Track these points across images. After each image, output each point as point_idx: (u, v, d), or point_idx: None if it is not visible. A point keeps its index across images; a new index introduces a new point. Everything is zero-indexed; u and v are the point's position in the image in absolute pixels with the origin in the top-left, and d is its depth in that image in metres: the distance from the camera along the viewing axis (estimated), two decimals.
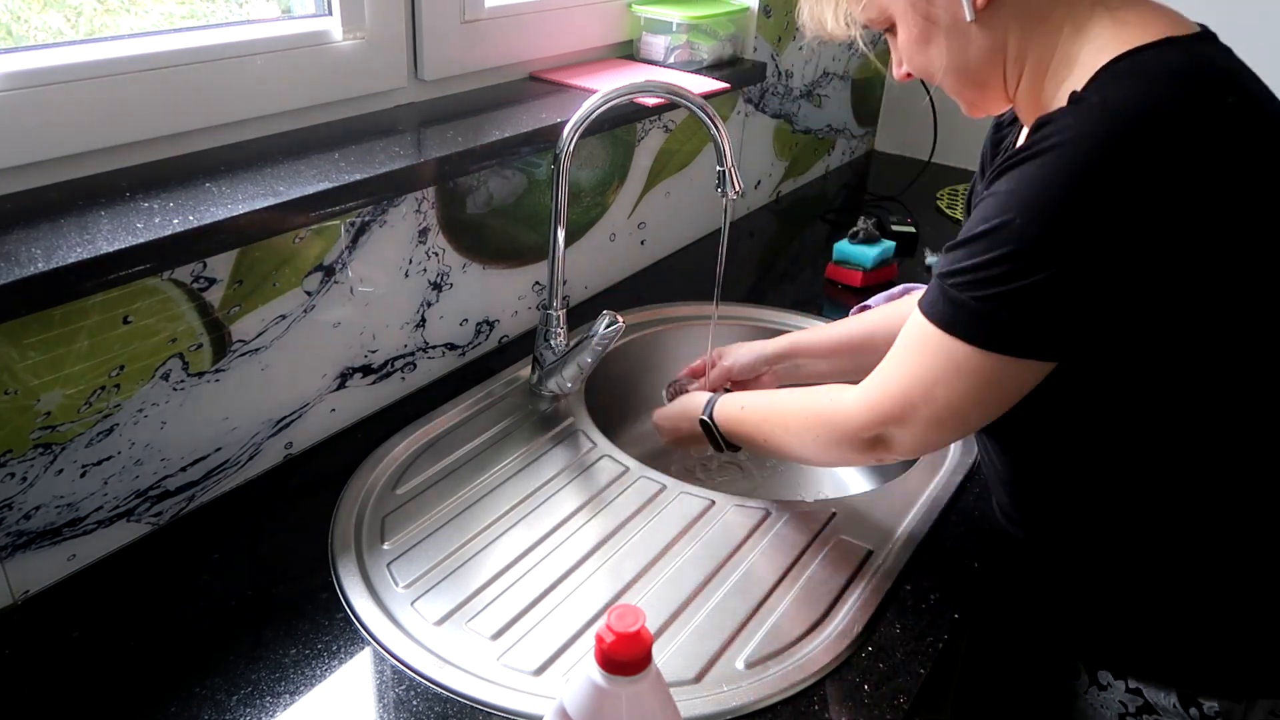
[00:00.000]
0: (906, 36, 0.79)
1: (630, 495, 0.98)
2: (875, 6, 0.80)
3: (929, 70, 0.80)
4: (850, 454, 0.84)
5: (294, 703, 0.73)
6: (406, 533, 0.91)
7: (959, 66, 0.78)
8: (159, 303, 0.84)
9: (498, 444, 1.05)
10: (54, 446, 0.80)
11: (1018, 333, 0.70)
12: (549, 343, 1.11)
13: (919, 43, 0.79)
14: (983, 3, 0.74)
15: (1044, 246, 0.67)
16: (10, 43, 0.83)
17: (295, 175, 0.90)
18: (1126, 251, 0.66)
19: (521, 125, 1.09)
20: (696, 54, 1.40)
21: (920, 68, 0.81)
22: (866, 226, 1.47)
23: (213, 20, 0.98)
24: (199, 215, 0.80)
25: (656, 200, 1.46)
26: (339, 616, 0.81)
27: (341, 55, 1.02)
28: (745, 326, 1.35)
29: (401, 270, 1.06)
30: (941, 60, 0.78)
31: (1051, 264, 0.67)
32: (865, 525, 0.95)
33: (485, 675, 0.77)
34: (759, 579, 0.88)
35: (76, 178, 0.85)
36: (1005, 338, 0.70)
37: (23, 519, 0.80)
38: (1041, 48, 0.75)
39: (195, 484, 0.93)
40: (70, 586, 0.84)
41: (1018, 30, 0.75)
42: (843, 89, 1.94)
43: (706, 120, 1.00)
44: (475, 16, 1.16)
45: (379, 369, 1.08)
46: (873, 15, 0.80)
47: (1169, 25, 0.71)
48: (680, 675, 0.77)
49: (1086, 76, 0.70)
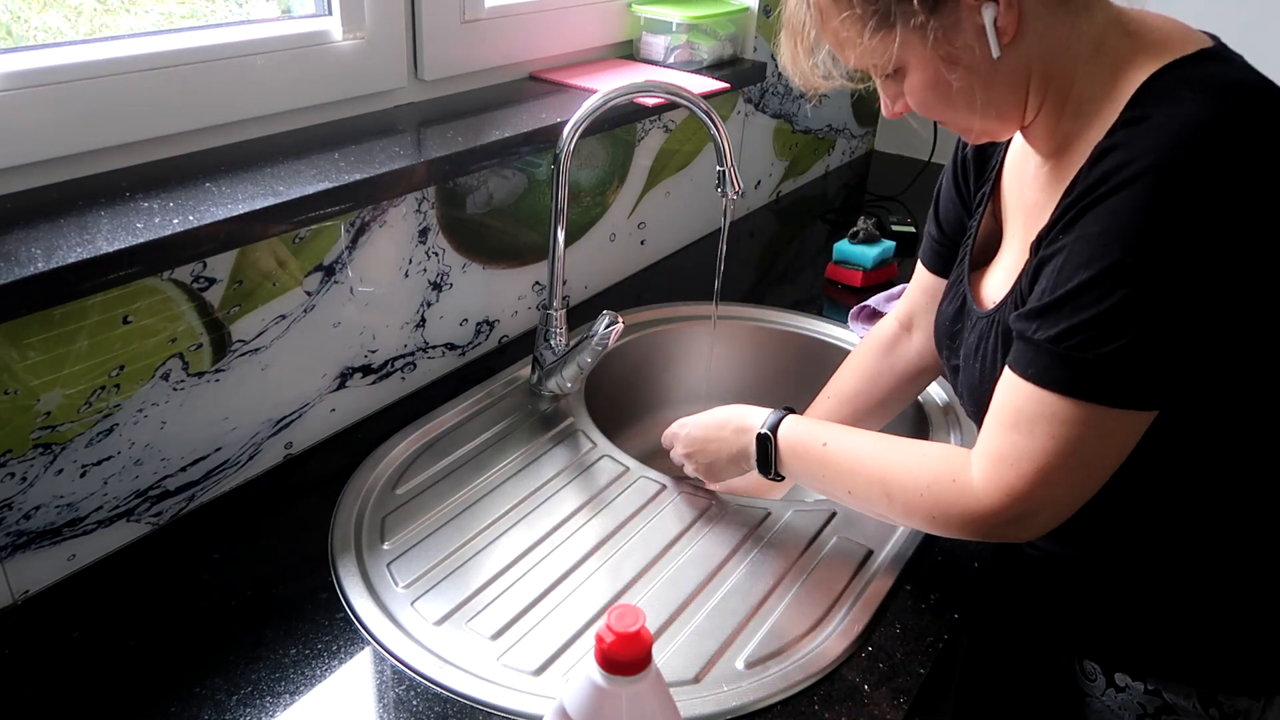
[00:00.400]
0: (922, 79, 0.74)
1: (630, 495, 0.98)
2: (883, 54, 0.73)
3: (943, 110, 0.76)
4: (972, 538, 0.78)
5: (294, 703, 0.73)
6: (406, 533, 0.91)
7: (980, 102, 0.74)
8: (159, 303, 0.84)
9: (498, 444, 1.05)
10: (54, 446, 0.80)
11: (1156, 383, 0.66)
12: (549, 343, 1.11)
13: (934, 85, 0.74)
14: (1009, 38, 0.70)
15: (1165, 282, 0.63)
16: (10, 43, 0.83)
17: (295, 175, 0.90)
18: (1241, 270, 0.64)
19: (521, 125, 1.09)
20: (696, 54, 1.40)
21: (932, 107, 0.76)
22: (866, 226, 1.47)
23: (213, 20, 0.98)
24: (199, 215, 0.80)
25: (656, 200, 1.46)
26: (339, 616, 0.81)
27: (341, 55, 1.02)
28: (746, 326, 1.35)
29: (401, 270, 1.06)
30: (963, 99, 0.74)
31: (1176, 299, 0.63)
32: (865, 525, 0.95)
33: (485, 675, 0.77)
34: (759, 579, 0.88)
35: (76, 178, 0.85)
36: (1144, 391, 0.66)
37: (23, 519, 0.80)
38: (1064, 74, 0.72)
39: (195, 484, 0.93)
40: (70, 586, 0.83)
41: (1040, 60, 0.72)
42: (842, 89, 1.94)
43: (706, 120, 1.00)
44: (475, 16, 1.16)
45: (379, 369, 1.08)
46: (879, 62, 0.74)
47: (1187, 36, 0.70)
48: (680, 675, 0.77)
49: (1120, 95, 0.68)
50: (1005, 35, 0.70)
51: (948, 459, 0.78)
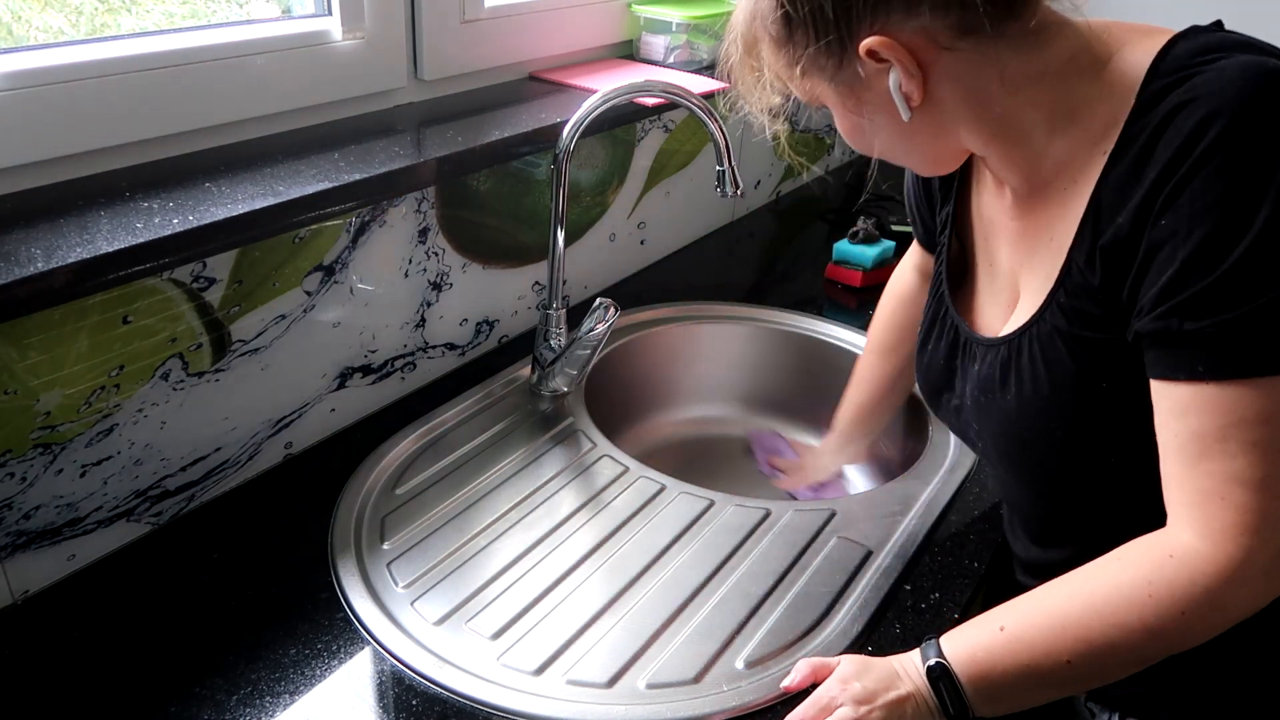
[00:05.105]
0: (841, 123, 0.74)
1: (630, 495, 0.98)
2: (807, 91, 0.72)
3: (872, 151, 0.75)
4: (1250, 608, 0.63)
5: (294, 703, 0.73)
6: (406, 533, 0.91)
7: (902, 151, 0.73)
8: (159, 303, 0.84)
9: (498, 444, 1.05)
10: (54, 446, 0.80)
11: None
12: (549, 342, 1.11)
13: (853, 132, 0.73)
14: (917, 102, 0.67)
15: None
16: (10, 43, 0.83)
17: (295, 175, 0.90)
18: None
19: (521, 125, 1.09)
20: (696, 54, 1.40)
21: (863, 150, 0.75)
22: (866, 226, 1.47)
23: (213, 20, 0.98)
24: (199, 215, 0.80)
25: (656, 200, 1.46)
26: (339, 616, 0.81)
27: (341, 55, 1.02)
28: (746, 326, 1.35)
29: (401, 270, 1.06)
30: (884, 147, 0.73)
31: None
32: (865, 525, 0.95)
33: (485, 675, 0.77)
34: (759, 579, 0.88)
35: (76, 178, 0.85)
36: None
37: (22, 519, 0.80)
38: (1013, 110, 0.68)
39: (195, 484, 0.93)
40: (70, 586, 0.83)
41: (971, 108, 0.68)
42: None
43: (706, 120, 1.00)
44: (475, 16, 1.16)
45: (379, 369, 1.08)
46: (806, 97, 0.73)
47: (1156, 27, 0.67)
48: (680, 675, 0.77)
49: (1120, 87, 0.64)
50: (913, 100, 0.67)
51: (1149, 543, 0.65)
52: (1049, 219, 0.71)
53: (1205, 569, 0.61)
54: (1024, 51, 0.66)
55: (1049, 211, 0.71)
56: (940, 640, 0.70)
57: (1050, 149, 0.69)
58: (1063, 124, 0.68)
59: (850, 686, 0.71)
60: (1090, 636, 0.64)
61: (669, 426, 1.34)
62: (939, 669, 0.68)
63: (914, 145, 0.73)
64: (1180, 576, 0.61)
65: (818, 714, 0.70)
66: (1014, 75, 0.67)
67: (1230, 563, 0.60)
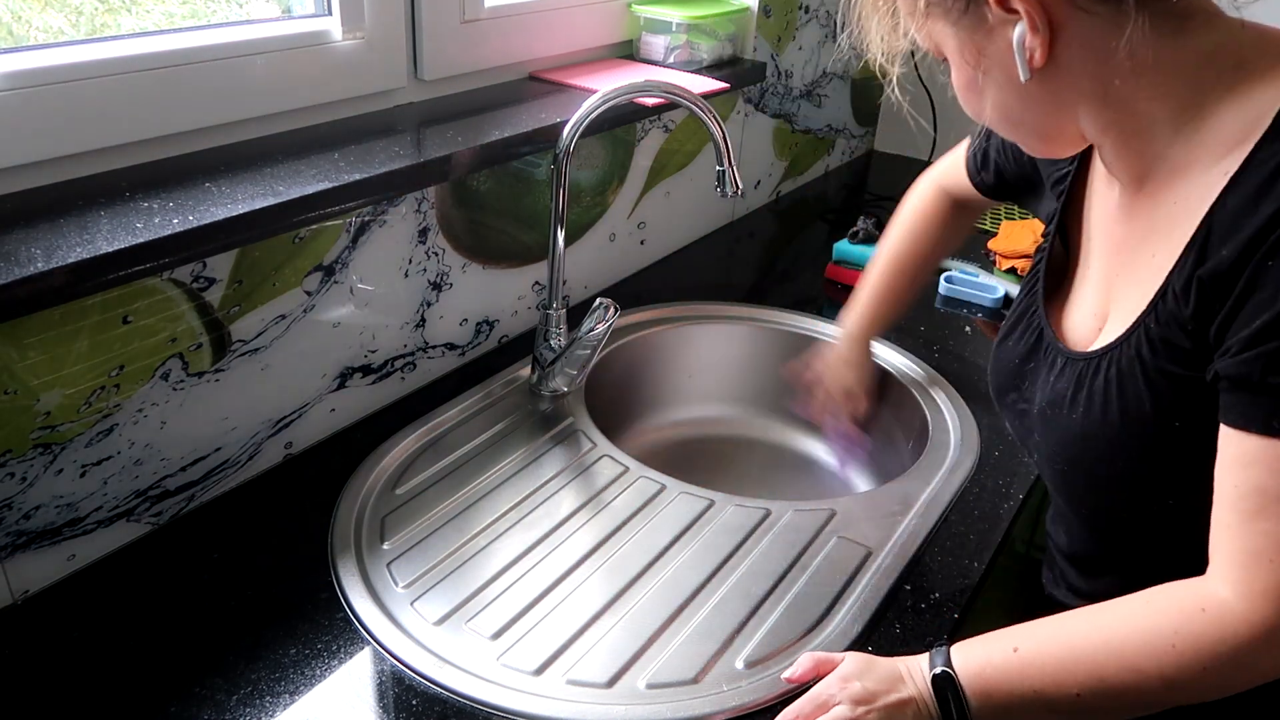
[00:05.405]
0: (957, 78, 0.70)
1: (630, 495, 0.98)
2: (928, 37, 0.69)
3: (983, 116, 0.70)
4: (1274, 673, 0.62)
5: (294, 703, 0.73)
6: (406, 533, 0.91)
7: (1015, 120, 0.69)
8: (159, 303, 0.84)
9: (498, 444, 1.05)
10: (54, 446, 0.80)
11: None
12: (549, 342, 1.11)
13: (967, 88, 0.69)
14: (1039, 64, 0.63)
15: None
16: (10, 43, 0.83)
17: (295, 175, 0.90)
18: None
19: (521, 125, 1.09)
20: (696, 54, 1.40)
21: (973, 110, 0.71)
22: (866, 226, 1.47)
23: (213, 20, 0.98)
24: (199, 215, 0.80)
25: (656, 200, 1.46)
26: (339, 616, 0.81)
27: (341, 55, 1.02)
28: (746, 326, 1.35)
29: (401, 270, 1.06)
30: (997, 112, 0.69)
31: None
32: (865, 525, 0.95)
33: (485, 675, 0.77)
34: (759, 579, 0.88)
35: (76, 178, 0.85)
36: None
37: (22, 519, 0.80)
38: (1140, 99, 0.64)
39: (195, 484, 0.93)
40: (70, 586, 0.83)
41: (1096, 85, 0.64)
42: (842, 89, 1.94)
43: (706, 120, 1.00)
44: (475, 16, 1.16)
45: (379, 369, 1.08)
46: (927, 45, 0.70)
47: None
48: (680, 675, 0.77)
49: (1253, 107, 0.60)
50: (1035, 59, 0.63)
51: (1182, 592, 0.63)
52: (1155, 232, 0.68)
53: (1238, 629, 0.60)
54: (1162, 32, 0.62)
55: (1156, 224, 0.68)
56: (951, 650, 0.69)
57: (1170, 151, 0.65)
58: (1188, 127, 0.64)
59: (850, 685, 0.70)
60: (1104, 675, 0.63)
61: (669, 426, 1.34)
62: (945, 678, 0.68)
63: (1028, 113, 0.68)
64: (1209, 633, 0.60)
65: (814, 711, 0.70)
66: (1145, 57, 0.62)
67: (1265, 627, 0.59)
